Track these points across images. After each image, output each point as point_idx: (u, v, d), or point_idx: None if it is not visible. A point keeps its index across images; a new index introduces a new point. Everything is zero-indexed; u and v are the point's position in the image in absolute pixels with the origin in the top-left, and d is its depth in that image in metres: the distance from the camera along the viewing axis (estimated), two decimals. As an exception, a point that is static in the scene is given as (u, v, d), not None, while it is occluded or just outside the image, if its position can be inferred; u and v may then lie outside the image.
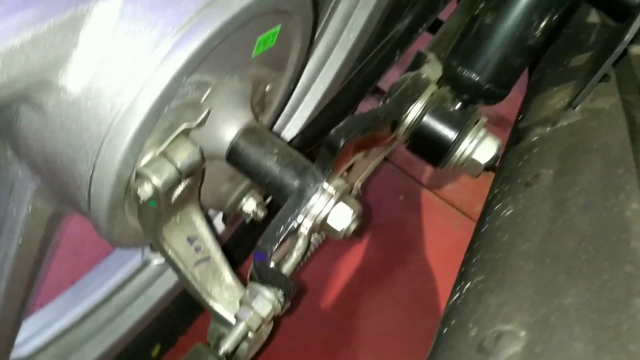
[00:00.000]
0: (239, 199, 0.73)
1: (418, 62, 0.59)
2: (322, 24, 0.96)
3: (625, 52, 0.70)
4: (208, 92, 0.53)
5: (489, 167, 0.56)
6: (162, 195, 0.50)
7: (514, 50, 0.51)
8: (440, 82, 0.57)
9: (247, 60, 0.57)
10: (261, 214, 0.74)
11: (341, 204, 0.57)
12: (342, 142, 0.50)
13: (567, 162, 0.49)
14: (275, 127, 1.00)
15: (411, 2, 0.98)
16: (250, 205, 0.74)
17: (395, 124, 0.56)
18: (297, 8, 0.58)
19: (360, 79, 0.82)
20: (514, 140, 0.60)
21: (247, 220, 0.75)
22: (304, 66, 0.97)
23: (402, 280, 1.30)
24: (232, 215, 0.76)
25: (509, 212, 0.47)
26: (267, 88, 0.66)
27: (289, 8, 0.57)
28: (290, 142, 0.86)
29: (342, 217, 0.57)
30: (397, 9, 0.96)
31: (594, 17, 0.89)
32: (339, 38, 0.97)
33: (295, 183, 0.57)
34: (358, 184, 0.74)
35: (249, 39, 0.55)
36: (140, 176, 0.50)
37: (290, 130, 0.99)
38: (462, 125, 0.54)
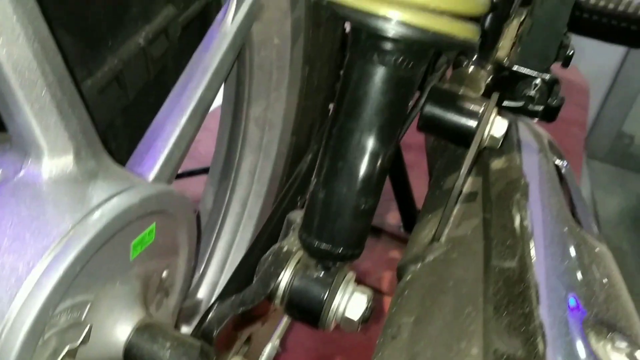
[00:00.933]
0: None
1: (287, 228, 0.63)
2: (232, 181, 1.01)
3: (487, 167, 0.74)
4: (87, 308, 0.56)
5: (365, 320, 0.58)
6: None
7: (351, 218, 0.54)
8: (304, 249, 0.60)
9: (125, 265, 0.60)
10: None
11: (239, 383, 0.59)
12: (215, 333, 0.53)
13: (425, 306, 0.51)
14: (208, 288, 1.02)
15: (311, 145, 1.04)
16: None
17: (270, 297, 0.59)
18: (164, 204, 0.62)
19: (266, 234, 0.85)
20: (397, 279, 0.63)
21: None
22: (222, 230, 1.01)
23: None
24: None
25: (375, 374, 0.48)
26: (164, 275, 0.69)
27: (154, 209, 0.61)
28: (209, 311, 0.88)
29: (243, 396, 0.58)
30: (297, 153, 1.02)
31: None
32: (251, 190, 1.02)
33: (190, 374, 0.58)
34: (276, 342, 0.76)
35: (120, 248, 0.58)
36: (26, 413, 0.51)
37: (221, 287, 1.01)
38: (327, 287, 0.57)
